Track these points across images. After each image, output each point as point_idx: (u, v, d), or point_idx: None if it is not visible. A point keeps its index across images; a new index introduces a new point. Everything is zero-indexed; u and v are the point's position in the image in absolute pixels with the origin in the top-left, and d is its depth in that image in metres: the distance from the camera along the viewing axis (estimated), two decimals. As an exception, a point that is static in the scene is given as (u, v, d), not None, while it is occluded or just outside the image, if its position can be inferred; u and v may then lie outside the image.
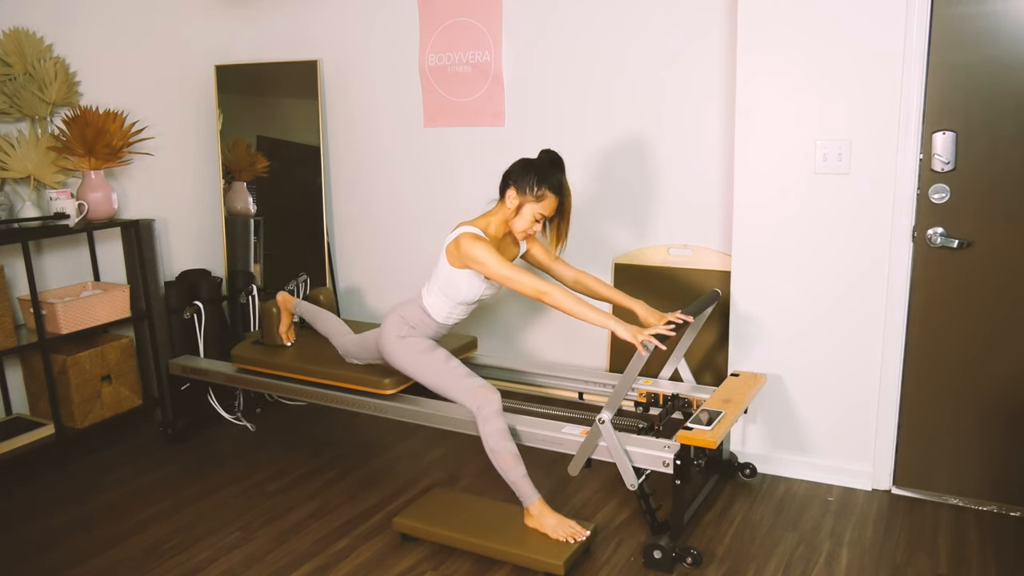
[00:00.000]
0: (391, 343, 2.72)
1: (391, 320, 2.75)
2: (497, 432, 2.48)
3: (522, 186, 2.54)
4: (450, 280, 2.63)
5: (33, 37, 3.23)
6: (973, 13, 2.47)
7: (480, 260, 2.50)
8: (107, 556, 2.61)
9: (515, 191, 2.55)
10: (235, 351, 3.29)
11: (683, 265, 3.27)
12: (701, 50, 3.11)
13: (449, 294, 2.67)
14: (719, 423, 2.43)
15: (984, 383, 2.68)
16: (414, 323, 2.74)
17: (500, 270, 2.48)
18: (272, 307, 3.29)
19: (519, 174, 2.55)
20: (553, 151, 2.61)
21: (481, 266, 2.51)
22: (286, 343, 3.29)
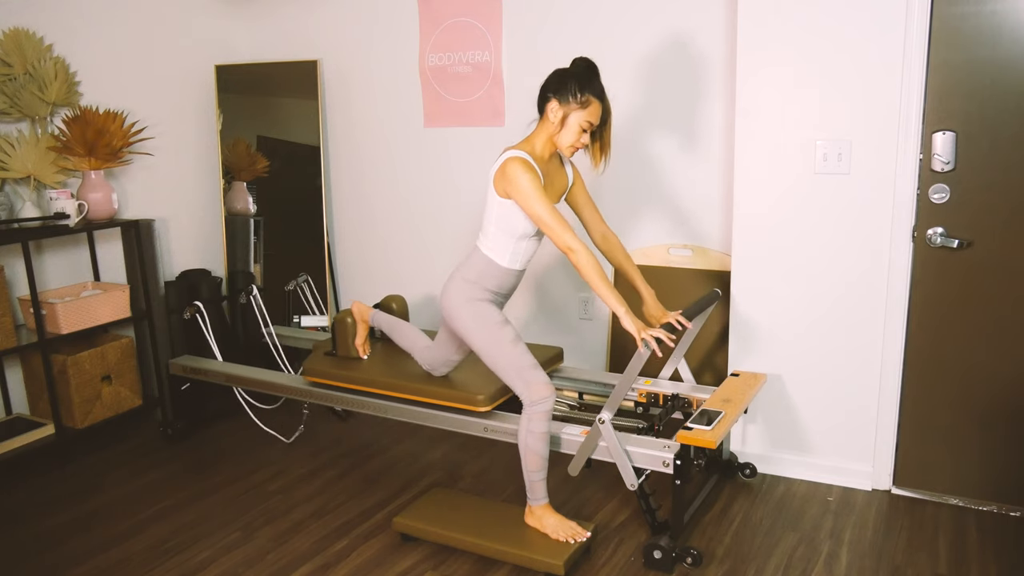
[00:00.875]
0: (457, 307, 2.51)
1: (452, 283, 2.54)
2: (540, 433, 2.42)
3: (564, 95, 2.36)
4: (503, 213, 2.44)
5: (33, 37, 3.23)
6: (973, 13, 2.47)
7: (521, 189, 2.32)
8: (107, 556, 2.61)
9: (557, 102, 2.37)
10: (306, 364, 3.08)
11: (683, 265, 3.27)
12: (701, 50, 3.11)
13: (506, 229, 2.46)
14: (719, 423, 2.43)
15: (984, 383, 2.68)
16: (475, 276, 2.51)
17: (538, 208, 2.32)
18: (347, 317, 3.07)
19: (558, 84, 2.37)
20: (586, 57, 2.42)
21: (521, 196, 2.33)
22: (362, 356, 3.08)
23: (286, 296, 4.10)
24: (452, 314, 2.53)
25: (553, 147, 2.48)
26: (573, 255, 2.33)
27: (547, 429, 2.44)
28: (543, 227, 2.35)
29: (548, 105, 2.40)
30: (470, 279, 2.52)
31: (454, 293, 2.53)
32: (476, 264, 2.52)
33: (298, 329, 3.97)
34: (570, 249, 2.32)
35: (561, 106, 2.37)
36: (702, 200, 3.23)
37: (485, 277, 2.52)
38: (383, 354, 3.14)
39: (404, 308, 3.29)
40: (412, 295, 4.02)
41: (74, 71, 3.42)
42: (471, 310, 2.50)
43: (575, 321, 3.60)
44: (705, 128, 3.16)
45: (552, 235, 2.34)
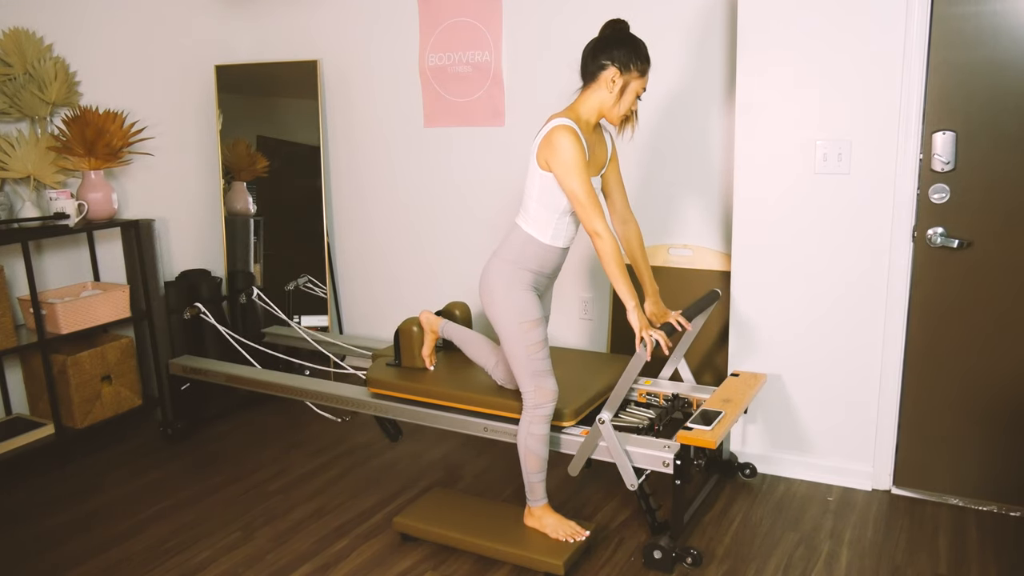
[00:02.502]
0: (495, 292, 2.38)
1: (491, 265, 2.41)
2: (541, 435, 2.42)
3: (626, 63, 2.28)
4: (545, 187, 2.33)
5: (33, 37, 3.23)
6: (973, 13, 2.47)
7: (564, 161, 2.23)
8: (107, 556, 2.61)
9: (618, 70, 2.28)
10: (369, 374, 2.96)
11: (683, 265, 3.27)
12: (701, 50, 3.11)
13: (548, 203, 2.35)
14: (719, 423, 2.43)
15: (984, 383, 2.68)
16: (515, 255, 2.38)
17: (576, 184, 2.24)
18: (413, 326, 2.93)
19: (617, 51, 2.28)
20: (619, 21, 2.35)
21: (563, 169, 2.24)
22: (428, 367, 2.94)
23: (286, 296, 4.10)
24: (489, 299, 2.42)
25: (599, 116, 2.38)
26: (599, 240, 2.27)
27: (547, 432, 2.44)
28: (576, 204, 2.27)
29: (604, 72, 2.29)
30: (509, 259, 2.40)
31: (494, 276, 2.40)
32: (515, 242, 2.40)
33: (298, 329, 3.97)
34: (597, 234, 2.27)
35: (623, 74, 2.29)
36: (702, 200, 3.23)
37: (526, 257, 2.40)
38: (448, 364, 3.02)
39: (467, 315, 3.17)
40: (411, 295, 4.02)
41: (74, 71, 3.42)
42: (510, 300, 2.39)
43: (575, 321, 3.60)
44: (705, 128, 3.16)
45: (583, 214, 2.27)
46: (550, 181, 2.31)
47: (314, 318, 4.08)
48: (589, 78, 2.34)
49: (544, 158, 2.29)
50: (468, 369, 2.96)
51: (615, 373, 2.83)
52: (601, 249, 2.28)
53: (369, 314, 4.16)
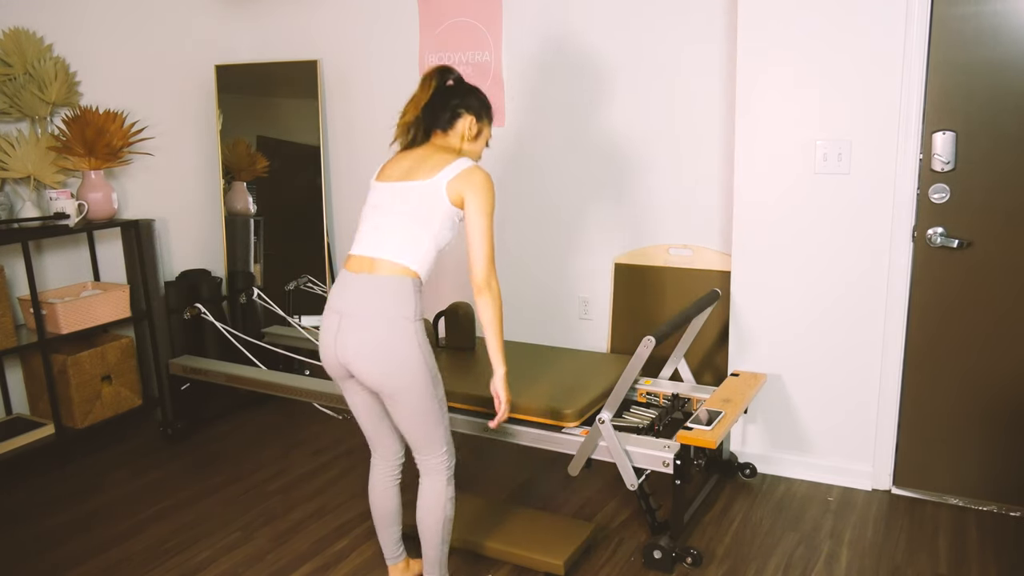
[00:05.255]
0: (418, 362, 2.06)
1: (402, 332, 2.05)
2: (453, 497, 2.22)
3: (479, 112, 2.26)
4: (446, 223, 2.12)
5: (33, 37, 3.23)
6: (973, 13, 2.47)
7: (485, 200, 2.09)
8: (107, 556, 2.61)
9: (474, 118, 2.24)
10: None
11: (683, 265, 3.27)
12: (702, 50, 3.11)
13: (440, 241, 2.14)
14: (719, 423, 2.43)
15: (984, 383, 2.68)
16: (415, 311, 2.08)
17: (488, 229, 2.10)
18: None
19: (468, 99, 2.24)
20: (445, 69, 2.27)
21: (482, 206, 2.08)
22: None
23: (286, 296, 4.10)
24: (404, 367, 2.05)
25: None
26: (489, 294, 2.08)
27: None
28: (478, 249, 2.08)
29: (460, 120, 2.23)
30: (413, 316, 2.07)
31: (410, 342, 2.05)
32: (411, 293, 2.08)
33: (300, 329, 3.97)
34: (489, 287, 2.08)
35: (478, 122, 2.26)
36: (702, 200, 3.22)
37: (420, 305, 2.11)
38: (448, 364, 3.01)
39: (470, 314, 3.15)
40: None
41: (74, 71, 3.42)
42: (425, 358, 2.07)
43: (575, 321, 3.60)
44: (705, 128, 3.16)
45: (480, 262, 2.08)
46: (452, 217, 2.13)
47: (314, 318, 4.08)
48: (440, 126, 2.24)
49: (458, 192, 2.09)
50: (468, 369, 2.97)
51: (615, 373, 2.83)
52: (487, 305, 2.09)
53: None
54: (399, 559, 2.37)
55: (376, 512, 2.33)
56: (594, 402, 2.65)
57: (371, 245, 2.13)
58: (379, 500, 2.32)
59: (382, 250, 2.10)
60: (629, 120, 3.31)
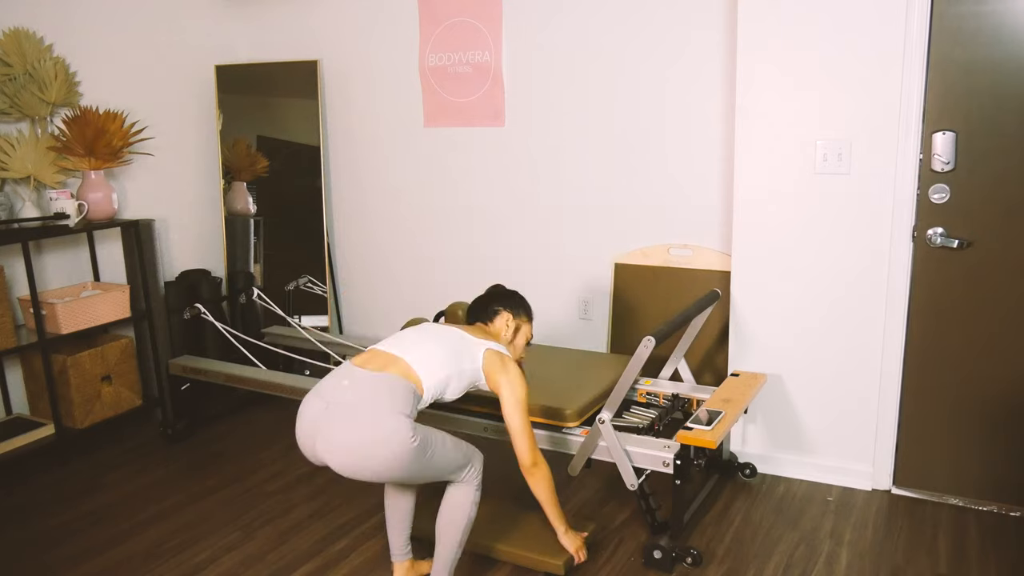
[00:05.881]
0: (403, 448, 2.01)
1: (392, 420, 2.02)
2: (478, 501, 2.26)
3: (517, 310, 2.49)
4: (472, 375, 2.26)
5: (33, 37, 3.23)
6: (973, 13, 2.47)
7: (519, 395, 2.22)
8: (107, 556, 2.61)
9: (511, 315, 2.46)
10: None
11: (683, 265, 3.27)
12: (701, 50, 3.11)
13: (453, 382, 2.23)
14: (719, 423, 2.43)
15: (984, 383, 2.68)
16: (411, 409, 2.10)
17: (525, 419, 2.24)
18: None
19: (509, 300, 2.49)
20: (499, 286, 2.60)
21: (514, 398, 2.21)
22: None
23: (286, 296, 4.10)
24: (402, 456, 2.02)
25: None
26: (538, 473, 2.26)
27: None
28: (520, 439, 2.23)
29: (499, 316, 2.46)
30: (406, 410, 2.07)
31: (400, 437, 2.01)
32: (407, 396, 2.10)
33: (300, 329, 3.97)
34: (537, 467, 2.25)
35: (515, 319, 2.48)
36: (702, 200, 3.22)
37: (414, 411, 2.12)
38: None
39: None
40: (411, 294, 4.02)
41: (74, 71, 3.42)
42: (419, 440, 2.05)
43: (575, 321, 3.60)
44: (705, 128, 3.16)
45: (523, 449, 2.24)
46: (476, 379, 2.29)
47: (314, 318, 4.08)
48: (482, 319, 2.48)
49: (493, 370, 2.25)
50: None
51: (615, 373, 2.83)
52: (539, 482, 2.27)
53: (369, 314, 4.16)
54: (405, 557, 2.39)
55: (389, 510, 2.37)
56: (594, 402, 2.65)
57: (392, 345, 2.23)
58: (394, 499, 2.36)
59: (402, 352, 2.19)
60: (629, 120, 3.31)
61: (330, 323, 4.11)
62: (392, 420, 2.01)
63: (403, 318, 4.01)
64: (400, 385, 2.09)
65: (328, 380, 2.14)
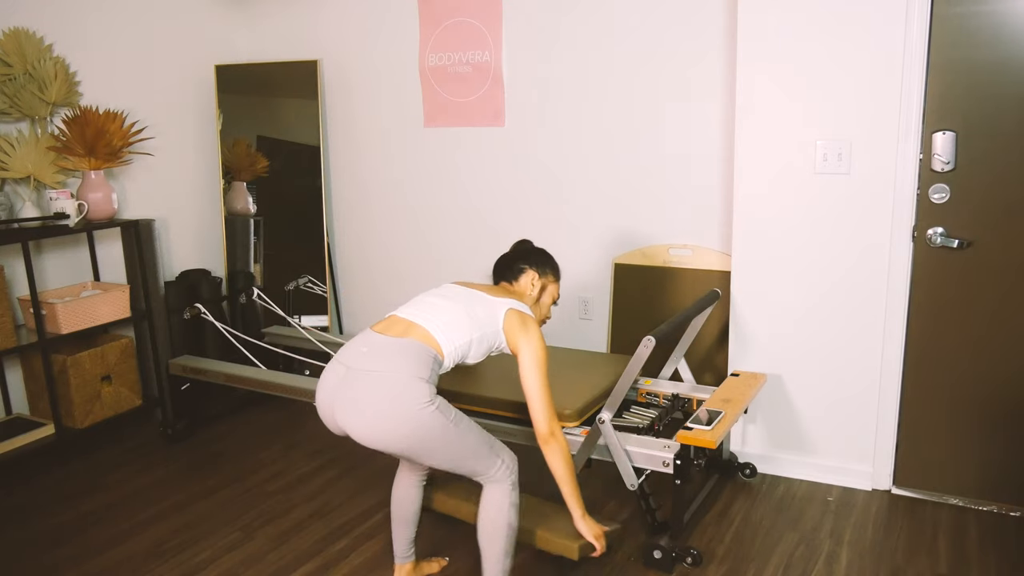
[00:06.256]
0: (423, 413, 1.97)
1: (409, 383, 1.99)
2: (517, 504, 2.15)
3: (543, 268, 2.41)
4: (492, 337, 2.19)
5: (33, 37, 3.23)
6: (973, 13, 2.47)
7: (538, 355, 2.13)
8: (107, 556, 2.61)
9: (536, 273, 2.38)
10: None
11: (683, 265, 3.27)
12: (701, 50, 3.11)
13: (475, 346, 2.17)
14: (719, 423, 2.43)
15: (984, 383, 2.68)
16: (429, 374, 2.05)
17: (542, 381, 2.13)
18: None
19: (535, 258, 2.40)
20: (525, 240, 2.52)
21: (534, 360, 2.13)
22: None
23: (286, 296, 4.10)
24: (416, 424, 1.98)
25: None
26: (555, 443, 2.13)
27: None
28: (537, 401, 2.12)
29: (524, 275, 2.39)
30: (423, 373, 2.03)
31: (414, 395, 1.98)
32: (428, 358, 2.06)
33: (300, 329, 3.97)
34: (554, 436, 2.13)
35: (541, 277, 2.41)
36: (702, 200, 3.23)
37: (434, 375, 2.08)
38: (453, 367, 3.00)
39: None
40: (412, 294, 4.00)
41: (74, 71, 3.42)
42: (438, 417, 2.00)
43: (575, 321, 3.60)
44: (705, 128, 3.16)
45: (540, 413, 2.12)
46: (497, 341, 2.21)
47: (314, 318, 4.08)
48: (507, 278, 2.40)
49: (514, 329, 2.18)
50: (469, 370, 2.96)
51: (615, 373, 2.83)
52: (555, 453, 2.14)
53: (369, 313, 4.16)
54: (408, 559, 2.37)
55: (395, 510, 2.34)
56: (594, 402, 2.65)
57: (412, 312, 2.17)
58: (400, 499, 2.34)
59: (421, 318, 2.14)
60: (629, 119, 3.31)
61: (330, 323, 4.11)
62: (411, 383, 1.99)
63: (403, 318, 4.01)
64: (420, 350, 2.05)
65: (348, 346, 2.12)
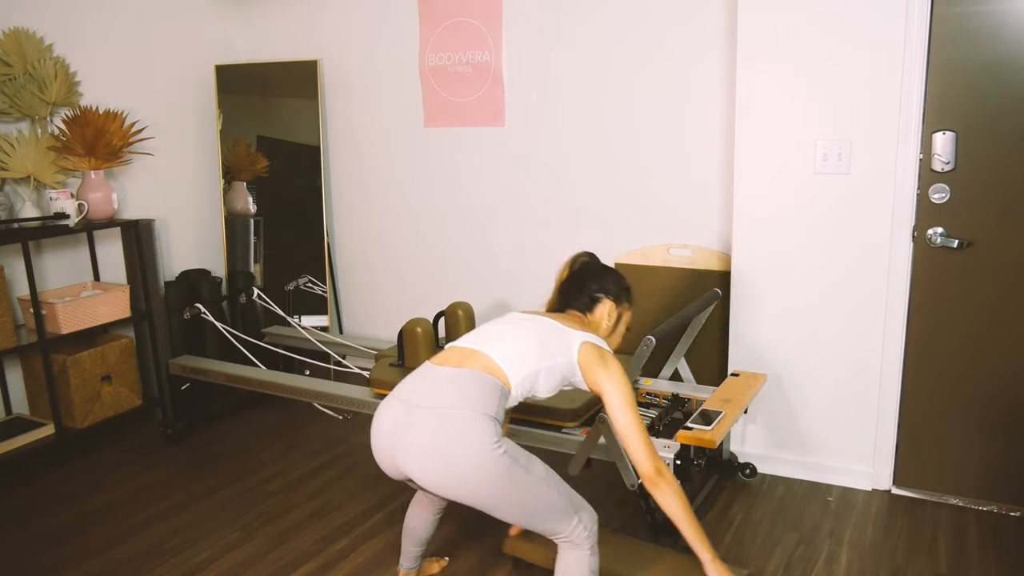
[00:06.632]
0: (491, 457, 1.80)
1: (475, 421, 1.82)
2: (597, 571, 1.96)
3: (620, 298, 2.24)
4: (564, 368, 2.01)
5: (33, 37, 3.23)
6: (973, 13, 2.47)
7: (623, 391, 1.97)
8: (107, 556, 2.61)
9: (613, 304, 2.21)
10: (372, 375, 2.97)
11: (683, 265, 3.27)
12: (701, 50, 3.11)
13: (544, 378, 2.00)
14: (719, 423, 2.43)
15: (984, 383, 2.68)
16: (496, 409, 1.89)
17: (635, 418, 1.96)
18: (417, 327, 2.85)
19: (610, 285, 2.23)
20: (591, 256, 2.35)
21: (619, 397, 1.96)
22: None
23: (286, 296, 4.10)
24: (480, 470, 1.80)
25: None
26: (665, 483, 1.94)
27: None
28: (634, 442, 1.94)
29: (599, 305, 2.21)
30: (489, 409, 1.87)
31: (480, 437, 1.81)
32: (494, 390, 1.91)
33: (300, 329, 3.97)
34: (662, 475, 1.94)
35: (618, 307, 2.24)
36: (702, 200, 3.23)
37: (501, 410, 1.92)
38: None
39: (470, 314, 3.10)
40: (412, 294, 4.02)
41: (74, 71, 3.42)
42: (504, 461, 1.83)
43: (575, 321, 3.59)
44: (705, 127, 3.16)
45: (641, 454, 1.94)
46: (571, 374, 2.04)
47: (314, 318, 4.08)
48: (579, 307, 2.21)
49: (592, 365, 2.00)
50: None
51: None
52: (674, 494, 1.95)
53: (369, 314, 4.16)
54: (412, 570, 2.34)
55: (407, 531, 2.28)
56: (594, 402, 2.65)
57: (475, 340, 2.01)
58: (414, 525, 2.27)
59: (483, 346, 1.97)
60: (629, 119, 3.31)
61: (330, 323, 4.11)
62: (477, 421, 1.81)
63: (403, 318, 4.01)
64: (484, 380, 1.89)
65: (407, 380, 1.96)
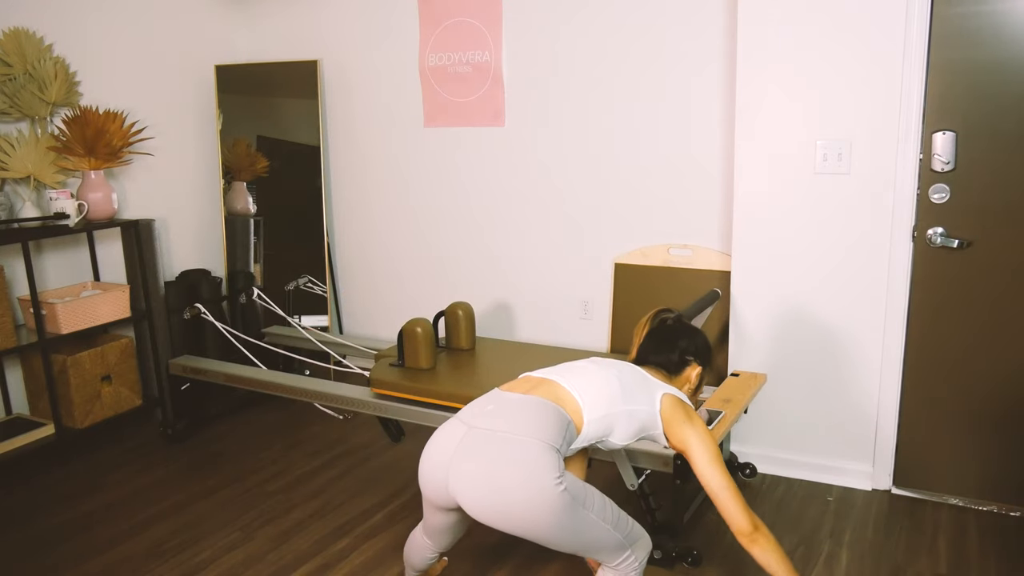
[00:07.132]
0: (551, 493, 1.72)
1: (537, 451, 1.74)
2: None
3: (705, 360, 2.19)
4: (637, 418, 1.94)
5: (33, 37, 3.23)
6: (973, 13, 2.47)
7: (709, 448, 1.91)
8: (107, 556, 2.61)
9: (700, 368, 2.17)
10: (372, 375, 2.97)
11: (683, 265, 3.28)
12: (702, 50, 3.11)
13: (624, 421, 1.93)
14: (719, 423, 2.43)
15: (984, 383, 2.68)
16: (562, 442, 1.81)
17: (722, 474, 1.90)
18: (417, 327, 2.87)
19: (699, 347, 2.17)
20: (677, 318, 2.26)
21: (706, 455, 1.91)
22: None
23: (286, 296, 4.10)
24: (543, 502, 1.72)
25: None
26: (763, 539, 1.87)
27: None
28: (727, 500, 1.88)
29: (688, 367, 2.14)
30: (556, 442, 1.79)
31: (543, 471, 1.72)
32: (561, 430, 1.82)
33: (300, 329, 3.97)
34: (759, 530, 1.87)
35: (704, 369, 2.20)
36: (702, 200, 3.23)
37: (565, 444, 1.84)
38: (450, 364, 3.01)
39: (470, 314, 3.09)
40: (412, 294, 4.02)
41: (74, 71, 3.42)
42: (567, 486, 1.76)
43: (575, 321, 3.60)
44: (705, 127, 3.16)
45: (734, 511, 1.88)
46: (651, 425, 1.97)
47: (314, 318, 4.08)
48: (665, 367, 2.13)
49: (676, 419, 1.95)
50: (470, 369, 2.97)
51: None
52: (773, 549, 1.88)
53: (369, 314, 4.16)
54: None
55: (406, 555, 2.22)
56: None
57: (551, 371, 1.95)
58: (411, 550, 2.20)
59: (560, 377, 1.91)
60: (629, 120, 3.31)
61: (330, 323, 4.11)
62: (542, 453, 1.72)
63: (403, 318, 4.01)
64: (549, 410, 1.81)
65: (471, 405, 1.91)
